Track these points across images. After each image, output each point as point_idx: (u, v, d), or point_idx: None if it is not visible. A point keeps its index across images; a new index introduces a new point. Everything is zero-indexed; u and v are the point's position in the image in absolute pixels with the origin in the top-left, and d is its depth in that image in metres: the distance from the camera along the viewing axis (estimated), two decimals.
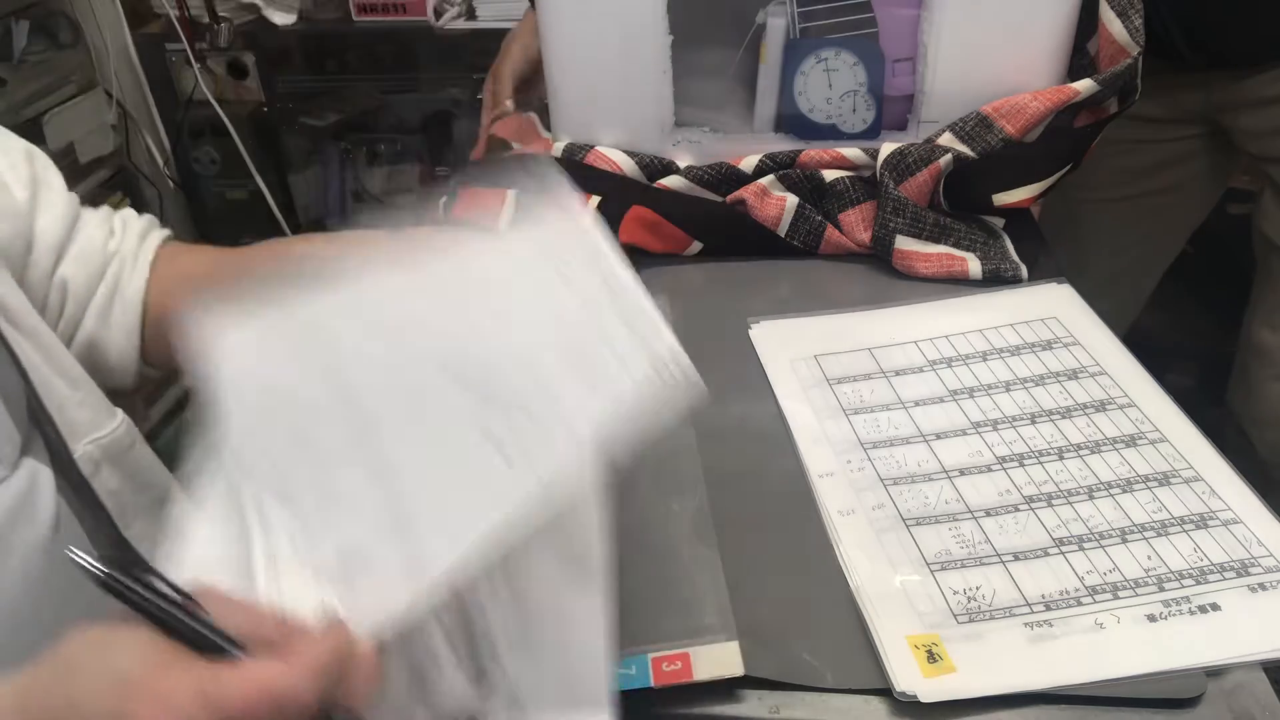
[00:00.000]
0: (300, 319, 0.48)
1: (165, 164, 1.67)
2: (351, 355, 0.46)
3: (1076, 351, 0.62)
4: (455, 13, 1.53)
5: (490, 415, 0.42)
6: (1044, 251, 0.73)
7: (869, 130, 0.78)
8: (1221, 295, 1.27)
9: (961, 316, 0.66)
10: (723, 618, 0.45)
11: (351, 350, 0.46)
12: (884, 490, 0.53)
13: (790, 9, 0.76)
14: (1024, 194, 0.71)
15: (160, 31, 1.56)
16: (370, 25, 1.54)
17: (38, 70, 1.44)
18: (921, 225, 0.71)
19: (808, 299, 0.70)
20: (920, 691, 0.42)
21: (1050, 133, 0.73)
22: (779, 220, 0.74)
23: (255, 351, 0.49)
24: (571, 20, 0.75)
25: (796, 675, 0.44)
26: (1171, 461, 0.53)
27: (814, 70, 0.76)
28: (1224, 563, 0.47)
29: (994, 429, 0.56)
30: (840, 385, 0.61)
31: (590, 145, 0.78)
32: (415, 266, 0.48)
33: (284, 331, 0.49)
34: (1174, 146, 1.07)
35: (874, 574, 0.48)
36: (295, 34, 1.59)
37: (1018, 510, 0.51)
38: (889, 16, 0.75)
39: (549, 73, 0.79)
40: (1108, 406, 0.57)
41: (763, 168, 0.75)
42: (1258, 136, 0.99)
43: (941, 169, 0.70)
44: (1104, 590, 0.46)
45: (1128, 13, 0.72)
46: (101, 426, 0.56)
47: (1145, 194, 1.12)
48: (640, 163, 0.78)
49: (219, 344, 0.49)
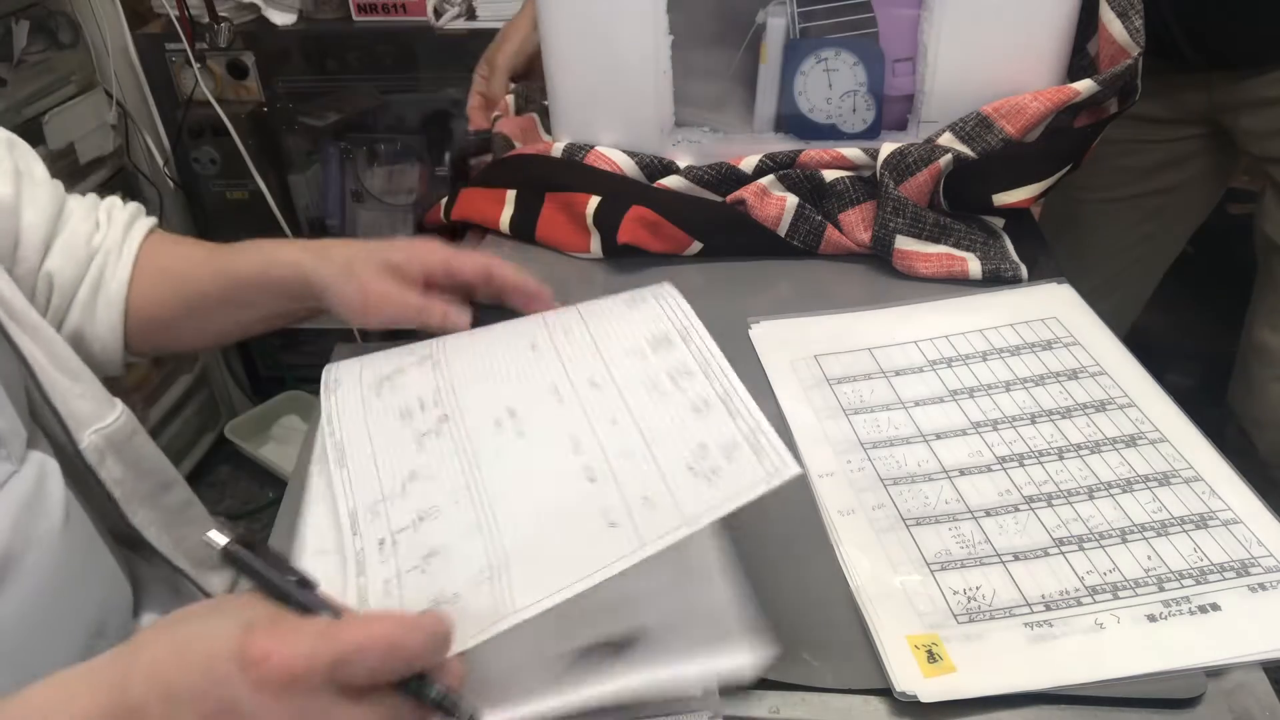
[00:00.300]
0: (436, 369, 0.55)
1: (165, 164, 1.67)
2: (478, 408, 0.52)
3: (1076, 351, 0.62)
4: (455, 13, 1.53)
5: (605, 489, 0.45)
6: (1044, 251, 0.73)
7: (869, 130, 0.78)
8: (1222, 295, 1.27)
9: (961, 316, 0.66)
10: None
11: (478, 404, 0.52)
12: (884, 490, 0.53)
13: (790, 9, 0.76)
14: (1024, 194, 0.71)
15: (160, 31, 1.56)
16: (370, 25, 1.54)
17: (38, 70, 1.44)
18: (921, 225, 0.71)
19: (808, 299, 0.70)
20: (920, 691, 0.42)
21: (1050, 133, 0.73)
22: (779, 220, 0.74)
23: (379, 390, 0.56)
24: (572, 20, 0.74)
25: (796, 675, 0.44)
26: (1171, 461, 0.53)
27: (814, 70, 0.76)
28: (1224, 563, 0.47)
29: (994, 429, 0.56)
30: (840, 385, 0.61)
31: (590, 145, 0.78)
32: (550, 339, 0.55)
33: (419, 377, 0.55)
34: (1175, 147, 1.07)
35: (874, 574, 0.48)
36: (295, 34, 1.59)
37: (1018, 510, 0.51)
38: (889, 16, 0.75)
39: (549, 73, 0.79)
40: (1108, 406, 0.57)
41: (763, 168, 0.75)
42: (1259, 137, 0.99)
43: (941, 169, 0.70)
44: (1104, 590, 0.46)
45: (1128, 13, 0.72)
46: (104, 417, 0.56)
47: (1146, 194, 1.12)
48: (640, 163, 0.78)
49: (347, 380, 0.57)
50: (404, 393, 0.55)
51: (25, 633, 0.50)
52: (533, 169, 0.79)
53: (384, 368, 0.58)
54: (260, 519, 1.80)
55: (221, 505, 1.84)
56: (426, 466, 0.50)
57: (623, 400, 0.50)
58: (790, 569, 0.49)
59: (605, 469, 0.47)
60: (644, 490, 0.45)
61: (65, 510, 0.53)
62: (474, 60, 0.93)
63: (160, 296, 0.66)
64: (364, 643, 0.35)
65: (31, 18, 1.42)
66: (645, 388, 0.50)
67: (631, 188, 0.77)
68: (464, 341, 0.58)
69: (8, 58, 1.38)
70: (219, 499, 1.85)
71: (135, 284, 0.65)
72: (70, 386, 0.55)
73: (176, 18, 1.49)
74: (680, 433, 0.47)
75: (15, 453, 0.51)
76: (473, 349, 0.57)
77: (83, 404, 0.56)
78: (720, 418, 0.47)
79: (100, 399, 0.57)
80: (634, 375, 0.51)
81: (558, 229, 0.77)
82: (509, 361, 0.54)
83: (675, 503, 0.44)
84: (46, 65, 1.46)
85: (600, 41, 0.74)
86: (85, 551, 0.55)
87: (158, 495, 0.60)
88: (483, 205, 0.80)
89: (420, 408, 0.54)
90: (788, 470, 0.43)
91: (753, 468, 0.44)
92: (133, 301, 0.65)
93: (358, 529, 0.49)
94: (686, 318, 0.53)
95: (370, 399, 0.55)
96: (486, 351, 0.56)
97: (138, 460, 0.59)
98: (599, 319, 0.55)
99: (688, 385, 0.49)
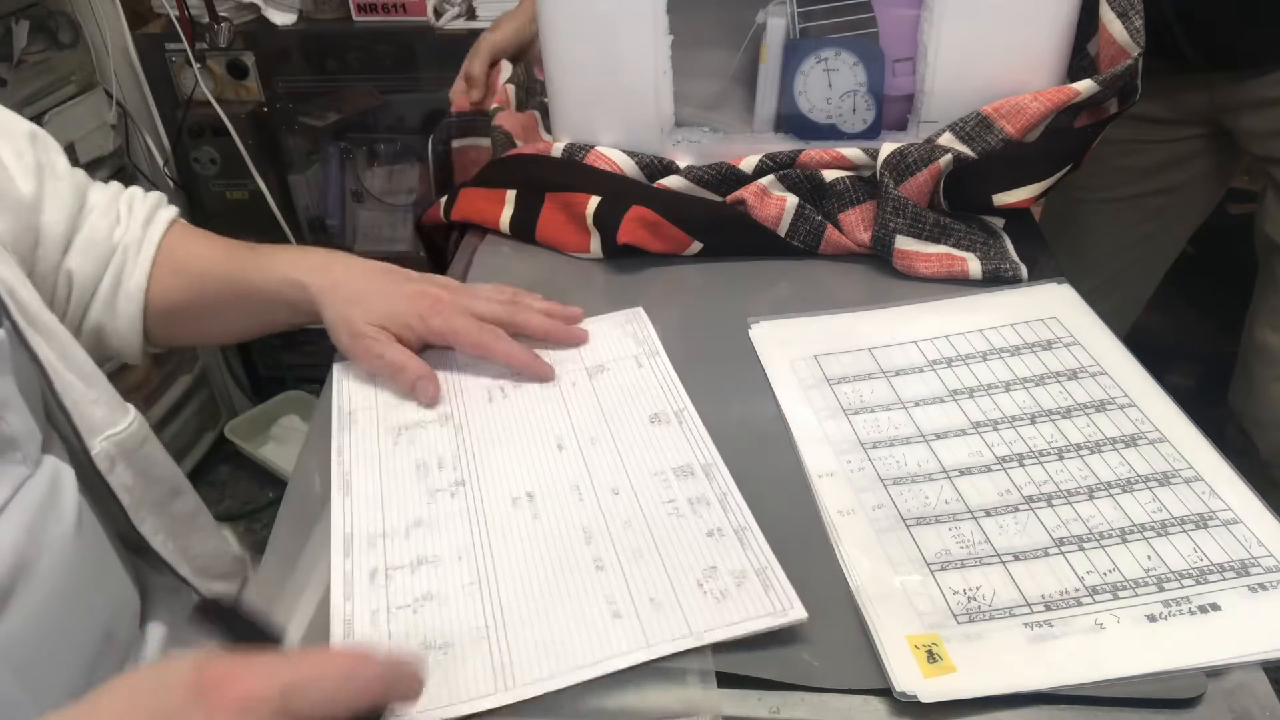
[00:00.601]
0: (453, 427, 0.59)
1: (165, 164, 1.67)
2: (497, 483, 0.54)
3: (1076, 351, 0.62)
4: (455, 13, 1.53)
5: (612, 580, 0.47)
6: (1044, 252, 0.73)
7: (869, 130, 0.78)
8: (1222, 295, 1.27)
9: (961, 316, 0.66)
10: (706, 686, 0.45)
11: (497, 479, 0.55)
12: (884, 490, 0.53)
13: (790, 9, 0.76)
14: (1024, 194, 0.71)
15: (160, 31, 1.56)
16: (370, 25, 1.54)
17: (38, 70, 1.44)
18: (921, 225, 0.71)
19: (808, 299, 0.70)
20: (920, 691, 0.42)
21: (1050, 133, 0.73)
22: (779, 220, 0.74)
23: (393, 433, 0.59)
24: (572, 21, 0.74)
25: (796, 675, 0.44)
26: (1171, 461, 0.53)
27: (814, 70, 0.76)
28: (1224, 563, 0.47)
29: (994, 429, 0.56)
30: (840, 385, 0.61)
31: (590, 145, 0.78)
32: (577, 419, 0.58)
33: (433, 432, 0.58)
34: (1176, 147, 1.07)
35: (874, 574, 0.48)
36: (295, 34, 1.59)
37: (1018, 510, 0.51)
38: (889, 16, 0.75)
39: (549, 73, 0.79)
40: (1108, 406, 0.57)
41: (763, 168, 0.75)
42: (1260, 138, 0.99)
43: (941, 169, 0.70)
44: (1104, 590, 0.46)
45: (1128, 14, 0.72)
46: (116, 423, 0.56)
47: (1146, 194, 1.12)
48: (640, 163, 0.78)
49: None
50: (422, 449, 0.57)
51: (38, 638, 0.49)
52: (533, 169, 0.79)
53: (404, 415, 0.60)
54: (260, 519, 1.80)
55: (221, 505, 1.84)
56: (434, 519, 0.52)
57: (639, 509, 0.52)
58: (790, 569, 0.49)
59: (615, 562, 0.48)
60: (651, 592, 0.47)
61: (78, 515, 0.53)
62: None
63: (178, 294, 0.66)
64: (318, 671, 0.35)
65: (31, 18, 1.42)
66: (663, 504, 0.52)
67: (631, 188, 0.77)
68: (485, 411, 0.60)
69: (8, 58, 1.38)
70: (219, 499, 1.85)
71: (154, 280, 0.66)
72: (85, 392, 0.55)
73: (176, 18, 1.50)
74: (692, 550, 0.49)
75: (31, 456, 0.51)
76: (497, 424, 0.59)
77: (96, 409, 0.55)
78: (733, 546, 0.49)
79: (113, 405, 0.57)
80: (654, 492, 0.53)
81: (558, 229, 0.77)
82: (535, 454, 0.56)
83: (683, 614, 0.45)
84: (46, 65, 1.46)
85: (600, 42, 0.74)
86: (97, 558, 0.55)
87: (166, 503, 0.60)
88: (483, 205, 0.80)
89: (439, 466, 0.56)
90: (794, 613, 0.45)
91: (760, 601, 0.46)
92: (151, 297, 0.66)
93: (350, 552, 0.50)
94: (710, 452, 0.55)
95: (387, 445, 0.58)
96: (511, 436, 0.58)
97: (148, 467, 0.58)
98: (623, 429, 0.58)
99: (704, 513, 0.51)
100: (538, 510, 0.52)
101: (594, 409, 0.59)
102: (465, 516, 0.52)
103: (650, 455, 0.55)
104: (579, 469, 0.55)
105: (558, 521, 0.51)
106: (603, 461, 0.55)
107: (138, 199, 0.67)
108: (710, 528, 0.50)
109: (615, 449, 0.56)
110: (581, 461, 0.55)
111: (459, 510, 0.52)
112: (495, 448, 0.57)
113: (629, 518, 0.51)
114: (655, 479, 0.53)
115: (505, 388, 0.62)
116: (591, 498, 0.53)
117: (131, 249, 0.65)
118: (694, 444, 0.56)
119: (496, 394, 0.61)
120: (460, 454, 0.56)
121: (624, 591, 0.47)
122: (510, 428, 0.58)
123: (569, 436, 0.57)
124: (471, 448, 0.57)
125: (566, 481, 0.54)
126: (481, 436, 0.58)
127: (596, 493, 0.53)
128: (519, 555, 0.49)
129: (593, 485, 0.53)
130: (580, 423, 0.58)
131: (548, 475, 0.54)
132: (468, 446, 0.57)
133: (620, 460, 0.55)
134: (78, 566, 0.52)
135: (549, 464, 0.55)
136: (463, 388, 0.62)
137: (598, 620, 0.45)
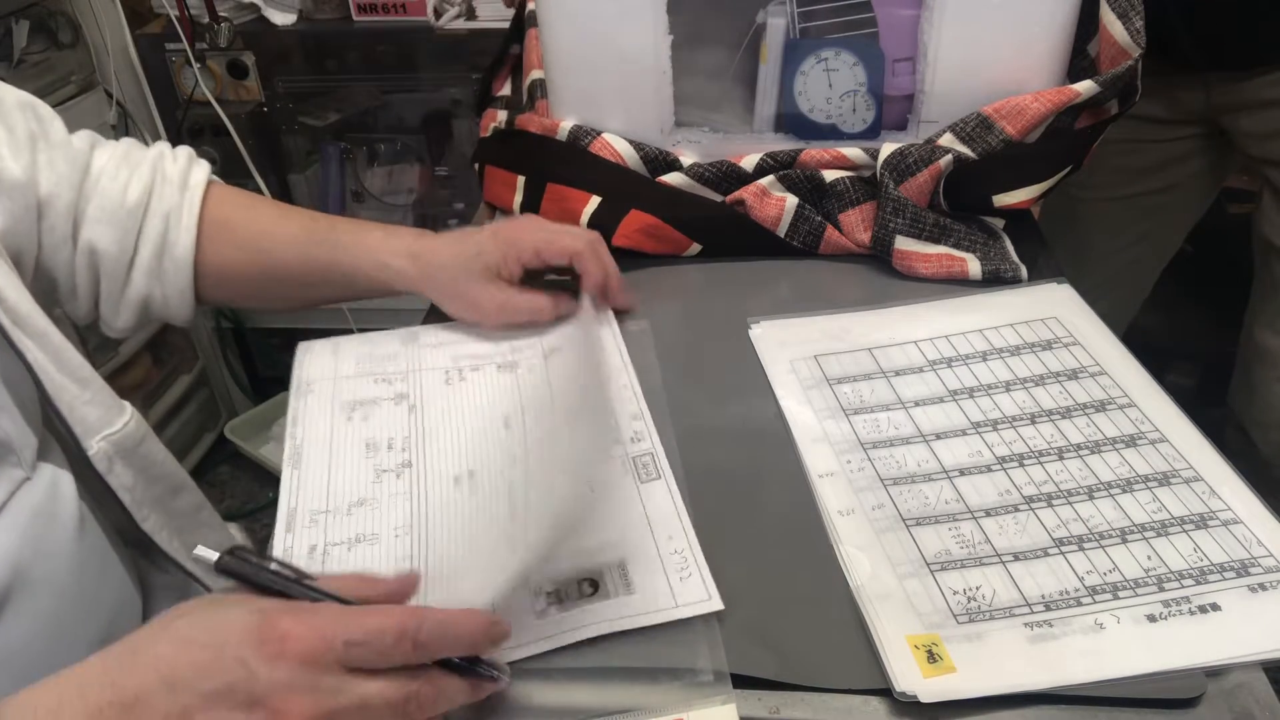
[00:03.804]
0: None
1: None
2: (441, 463, 0.56)
3: (1076, 351, 0.62)
4: (455, 13, 1.53)
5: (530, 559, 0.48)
6: (1044, 252, 0.73)
7: (869, 130, 0.78)
8: (1221, 295, 1.27)
9: (961, 317, 0.66)
10: (718, 672, 0.44)
11: (442, 458, 0.57)
12: (884, 490, 0.53)
13: (790, 9, 0.76)
14: (1024, 195, 0.71)
15: (160, 31, 1.56)
16: (370, 25, 1.54)
17: (38, 70, 1.44)
18: (921, 225, 0.71)
19: (808, 299, 0.70)
20: (920, 691, 0.42)
21: (1051, 134, 0.73)
22: (779, 220, 0.74)
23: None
24: (572, 21, 0.74)
25: (796, 675, 0.44)
26: (1171, 461, 0.53)
27: (814, 70, 0.76)
28: (1224, 563, 0.47)
29: (994, 429, 0.56)
30: (840, 385, 0.61)
31: (598, 130, 0.78)
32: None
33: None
34: (1173, 146, 1.07)
35: (874, 574, 0.48)
36: (295, 34, 1.59)
37: (1018, 510, 0.51)
38: (889, 16, 0.75)
39: (549, 73, 0.79)
40: (1108, 406, 0.57)
41: (763, 166, 0.75)
42: (1258, 139, 0.99)
43: (942, 169, 0.70)
44: (1104, 590, 0.46)
45: (1128, 14, 0.72)
46: (112, 423, 0.56)
47: (1144, 193, 1.12)
48: (645, 156, 0.77)
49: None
50: (374, 427, 0.59)
51: (39, 647, 0.49)
52: (539, 154, 0.79)
53: (359, 391, 0.62)
54: (260, 519, 1.80)
55: (221, 505, 1.84)
56: (377, 500, 0.54)
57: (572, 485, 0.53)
58: (790, 569, 0.49)
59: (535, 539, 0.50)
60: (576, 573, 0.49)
61: (79, 519, 0.53)
62: (474, 60, 0.93)
63: (234, 259, 0.67)
64: (378, 627, 0.37)
65: (31, 18, 1.41)
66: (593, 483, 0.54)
67: (632, 185, 0.76)
68: (441, 392, 0.62)
69: (8, 58, 1.38)
70: (219, 499, 1.85)
71: (205, 248, 0.66)
72: (78, 393, 0.54)
73: (176, 18, 1.49)
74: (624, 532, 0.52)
75: (25, 460, 0.50)
76: (449, 405, 0.61)
77: (91, 410, 0.55)
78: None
79: (109, 404, 0.57)
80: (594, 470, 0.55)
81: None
82: (482, 433, 0.58)
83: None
84: (46, 65, 1.46)
85: (600, 42, 0.74)
86: (99, 561, 0.55)
87: (168, 500, 0.60)
88: (499, 189, 0.83)
89: (387, 447, 0.57)
90: (712, 604, 0.47)
91: (685, 589, 0.48)
92: (202, 262, 0.66)
93: (293, 528, 0.52)
94: (653, 439, 0.57)
95: (339, 422, 0.60)
96: (462, 415, 0.60)
97: (147, 465, 0.58)
98: (582, 428, 0.58)
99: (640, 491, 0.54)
100: (476, 486, 0.54)
101: (544, 389, 0.61)
102: (408, 496, 0.54)
103: (597, 458, 0.56)
104: (520, 447, 0.56)
105: (489, 498, 0.53)
106: (543, 438, 0.56)
107: (167, 158, 0.67)
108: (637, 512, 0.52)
109: (557, 426, 0.57)
110: (523, 437, 0.57)
111: (403, 490, 0.54)
112: (445, 427, 0.58)
113: (563, 493, 0.52)
114: (597, 454, 0.55)
115: (464, 371, 0.63)
116: (524, 464, 0.54)
117: (173, 215, 0.65)
118: (642, 425, 0.58)
119: (454, 376, 0.63)
120: (411, 434, 0.58)
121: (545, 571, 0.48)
122: (462, 413, 0.60)
123: (516, 419, 0.59)
124: (424, 426, 0.58)
125: (507, 456, 0.56)
126: (432, 416, 0.59)
127: (530, 462, 0.55)
128: (453, 533, 0.51)
129: (527, 462, 0.55)
130: (529, 401, 0.60)
131: (491, 453, 0.56)
132: (419, 426, 0.59)
133: (561, 437, 0.56)
134: (79, 571, 0.52)
135: (493, 442, 0.57)
136: (422, 367, 0.64)
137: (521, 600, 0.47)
